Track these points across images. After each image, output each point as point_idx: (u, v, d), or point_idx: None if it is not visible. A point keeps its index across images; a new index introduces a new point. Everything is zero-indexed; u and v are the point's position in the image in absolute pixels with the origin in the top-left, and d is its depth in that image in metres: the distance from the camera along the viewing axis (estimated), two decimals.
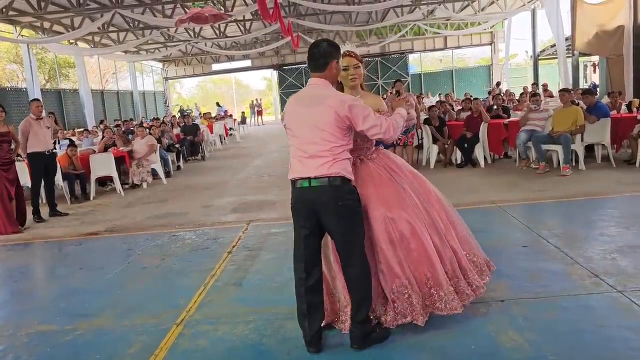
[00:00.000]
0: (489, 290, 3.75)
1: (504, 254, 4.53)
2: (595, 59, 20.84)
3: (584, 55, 18.18)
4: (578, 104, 8.77)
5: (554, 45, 18.94)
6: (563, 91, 8.54)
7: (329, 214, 2.87)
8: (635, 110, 8.99)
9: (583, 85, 18.62)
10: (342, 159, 2.88)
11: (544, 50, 21.73)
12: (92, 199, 9.24)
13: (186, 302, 4.03)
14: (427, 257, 3.10)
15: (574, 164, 8.14)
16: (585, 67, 21.55)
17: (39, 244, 6.50)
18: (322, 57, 2.94)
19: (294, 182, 2.95)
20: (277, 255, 5.02)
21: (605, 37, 14.90)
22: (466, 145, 9.32)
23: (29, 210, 7.60)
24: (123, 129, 13.35)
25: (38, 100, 7.81)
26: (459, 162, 9.49)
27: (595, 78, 22.50)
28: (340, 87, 3.34)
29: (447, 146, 9.57)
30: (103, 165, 9.52)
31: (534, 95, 9.41)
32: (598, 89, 17.13)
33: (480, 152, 9.28)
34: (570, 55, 17.36)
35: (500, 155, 9.90)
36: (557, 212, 5.97)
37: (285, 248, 4.94)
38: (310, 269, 2.97)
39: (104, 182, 10.14)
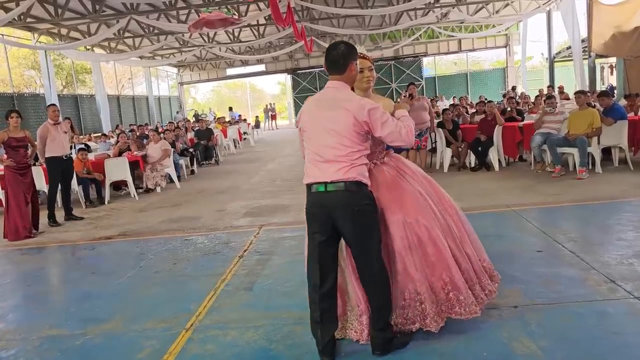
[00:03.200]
0: (502, 295, 3.70)
1: (519, 259, 4.47)
2: (612, 60, 20.57)
3: (601, 56, 17.93)
4: (594, 106, 8.65)
5: (570, 47, 18.74)
6: (578, 93, 8.41)
7: (345, 220, 2.82)
8: None
9: (600, 87, 18.34)
10: (359, 164, 2.84)
11: (559, 52, 21.49)
12: (106, 203, 9.31)
13: (196, 306, 4.02)
14: (444, 261, 3.06)
15: (590, 167, 8.01)
16: (602, 68, 21.25)
17: (53, 248, 6.55)
18: (341, 58, 2.89)
19: (309, 186, 2.91)
20: (289, 260, 5.00)
21: (622, 38, 14.68)
22: (480, 148, 9.23)
23: (44, 214, 7.67)
24: (137, 134, 13.45)
25: (54, 105, 7.89)
26: (472, 165, 9.40)
27: (613, 80, 22.20)
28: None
29: (460, 149, 9.48)
30: (117, 170, 9.59)
31: (549, 97, 9.30)
32: (615, 91, 16.88)
33: (494, 155, 9.18)
34: (587, 56, 17.13)
35: (515, 158, 9.80)
36: (572, 216, 5.86)
37: (297, 252, 4.93)
38: (325, 276, 2.92)
39: (118, 186, 10.22)
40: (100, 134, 14.93)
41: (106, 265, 5.51)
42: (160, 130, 15.15)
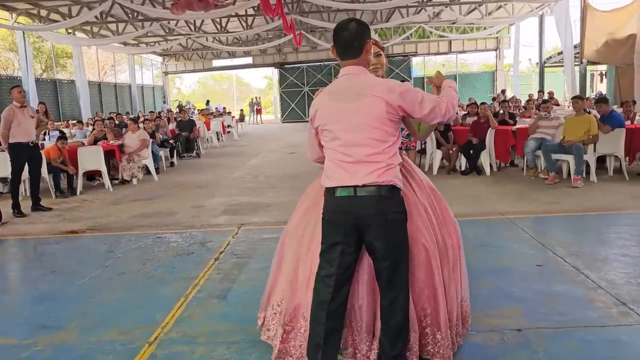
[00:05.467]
0: (502, 315, 3.37)
1: (516, 273, 4.13)
2: (601, 67, 20.49)
3: (592, 63, 17.79)
4: (589, 113, 8.38)
5: (561, 53, 18.58)
6: (576, 98, 8.12)
7: (375, 230, 2.39)
8: None
9: (589, 94, 18.21)
10: (396, 164, 2.43)
11: (550, 57, 21.33)
12: (78, 193, 8.81)
13: (163, 315, 3.61)
14: (433, 290, 2.69)
15: (584, 175, 7.73)
16: (592, 76, 21.16)
17: (13, 242, 6.06)
18: (356, 39, 2.43)
19: (331, 190, 2.47)
20: (267, 265, 4.51)
21: (615, 45, 14.54)
22: (471, 152, 8.91)
23: (7, 204, 7.17)
24: (116, 122, 12.90)
25: (19, 86, 7.39)
26: (463, 168, 9.08)
27: (602, 87, 22.14)
28: None
29: (451, 152, 9.16)
30: (91, 159, 9.08)
31: (544, 102, 9.01)
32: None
33: (485, 159, 8.86)
34: (578, 63, 16.97)
35: (506, 163, 9.50)
36: (570, 227, 5.55)
37: None
38: (339, 290, 2.48)
39: (92, 176, 9.71)
40: (76, 121, 14.31)
41: (69, 263, 5.06)
42: (140, 119, 14.62)
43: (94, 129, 11.12)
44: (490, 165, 8.98)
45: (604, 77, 21.17)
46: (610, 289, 3.69)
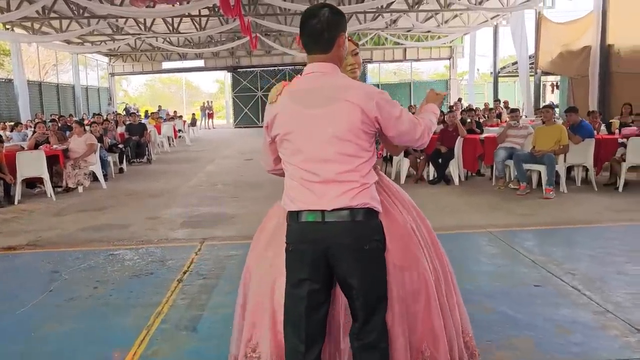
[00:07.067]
0: (511, 346, 3.03)
1: (516, 296, 3.81)
2: (554, 78, 20.99)
3: (547, 74, 18.15)
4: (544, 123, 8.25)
5: (515, 63, 18.87)
6: (546, 107, 8.02)
7: (349, 262, 1.96)
8: (616, 131, 8.61)
9: (542, 104, 18.54)
10: (371, 183, 2.01)
11: (504, 67, 21.71)
12: (16, 203, 7.97)
13: (122, 353, 3.06)
14: (431, 327, 2.25)
15: (554, 186, 7.60)
16: (544, 86, 21.65)
17: None
18: (326, 29, 1.99)
19: (295, 214, 2.02)
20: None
21: (570, 56, 14.82)
22: (440, 160, 8.67)
23: None
24: (59, 124, 11.99)
25: None
26: (431, 177, 8.82)
27: (552, 97, 22.71)
28: None
29: (419, 160, 8.89)
30: (32, 164, 8.25)
31: (513, 110, 8.89)
32: (557, 109, 17.09)
33: (454, 168, 8.64)
34: (533, 73, 17.25)
35: (474, 172, 9.32)
36: (556, 241, 5.30)
37: None
38: (313, 341, 2.03)
39: (32, 183, 8.85)
40: (15, 123, 13.27)
41: (6, 288, 4.38)
42: (86, 122, 13.71)
43: (34, 132, 10.23)
44: (459, 175, 8.77)
45: (555, 87, 21.70)
46: (619, 313, 3.41)
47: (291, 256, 2.05)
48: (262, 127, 2.20)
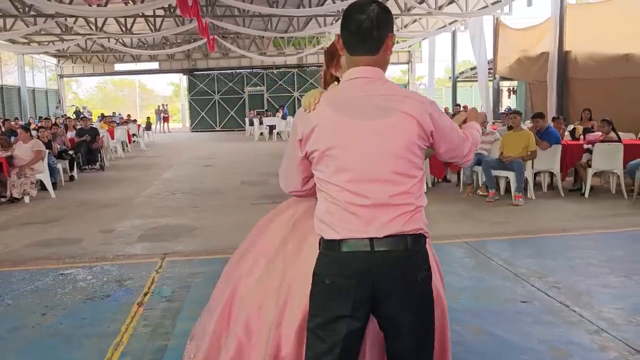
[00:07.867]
0: None
1: (504, 315, 3.60)
2: (511, 83, 21.34)
3: (505, 79, 18.41)
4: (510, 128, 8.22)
5: (474, 68, 19.08)
6: (514, 113, 7.96)
7: (400, 297, 1.68)
8: (580, 137, 8.65)
9: (500, 109, 18.81)
10: (424, 206, 1.75)
11: (462, 72, 21.95)
12: None
13: None
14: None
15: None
16: (501, 91, 22.01)
17: None
18: (376, 28, 1.71)
19: (336, 242, 1.70)
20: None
21: (528, 62, 15.02)
22: None
23: None
24: (3, 129, 11.22)
25: None
26: None
27: (509, 103, 23.12)
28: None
29: None
30: None
31: None
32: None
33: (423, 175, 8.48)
34: (492, 78, 17.45)
35: (440, 178, 9.21)
36: (534, 252, 5.13)
37: None
38: None
39: None
40: None
41: None
42: (33, 127, 12.95)
43: None
44: (426, 182, 8.62)
45: (512, 92, 22.08)
46: (614, 333, 3.24)
47: (329, 291, 1.72)
48: (220, 130, 1.90)
